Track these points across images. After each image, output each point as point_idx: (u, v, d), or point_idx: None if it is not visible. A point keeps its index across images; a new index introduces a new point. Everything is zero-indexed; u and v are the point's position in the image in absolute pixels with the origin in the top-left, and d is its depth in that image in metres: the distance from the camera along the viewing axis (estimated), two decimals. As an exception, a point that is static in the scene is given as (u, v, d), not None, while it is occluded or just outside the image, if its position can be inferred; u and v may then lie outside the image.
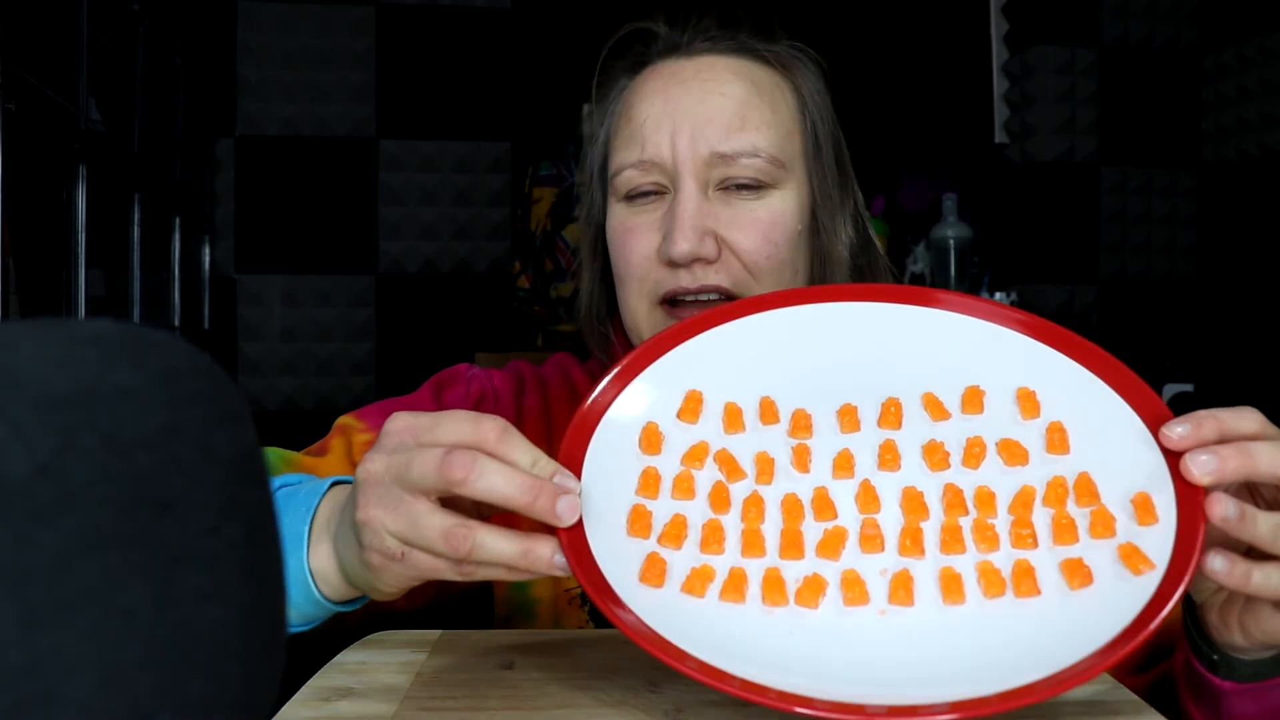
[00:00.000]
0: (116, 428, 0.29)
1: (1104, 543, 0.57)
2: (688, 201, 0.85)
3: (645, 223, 0.87)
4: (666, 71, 0.90)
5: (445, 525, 0.56)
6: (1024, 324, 0.69)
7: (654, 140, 0.86)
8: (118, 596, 0.28)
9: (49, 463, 0.27)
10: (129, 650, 0.28)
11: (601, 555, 0.58)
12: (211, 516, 0.31)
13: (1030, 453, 0.62)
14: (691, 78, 0.88)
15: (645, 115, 0.88)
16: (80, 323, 0.31)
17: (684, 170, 0.85)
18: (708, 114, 0.86)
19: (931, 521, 0.60)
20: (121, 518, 0.28)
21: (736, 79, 0.88)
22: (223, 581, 0.31)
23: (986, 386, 0.66)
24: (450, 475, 0.55)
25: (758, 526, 0.61)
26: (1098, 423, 0.63)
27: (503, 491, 0.56)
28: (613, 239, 0.90)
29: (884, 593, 0.57)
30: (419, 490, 0.57)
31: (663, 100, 0.87)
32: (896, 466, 0.63)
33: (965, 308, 0.70)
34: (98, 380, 0.29)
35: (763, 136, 0.86)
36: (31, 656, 0.27)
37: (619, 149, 0.89)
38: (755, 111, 0.87)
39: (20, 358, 0.29)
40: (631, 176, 0.87)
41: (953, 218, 3.00)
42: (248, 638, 0.31)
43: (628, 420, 0.66)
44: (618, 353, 0.93)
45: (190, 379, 0.32)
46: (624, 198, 0.89)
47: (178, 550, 0.29)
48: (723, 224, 0.85)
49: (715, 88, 0.87)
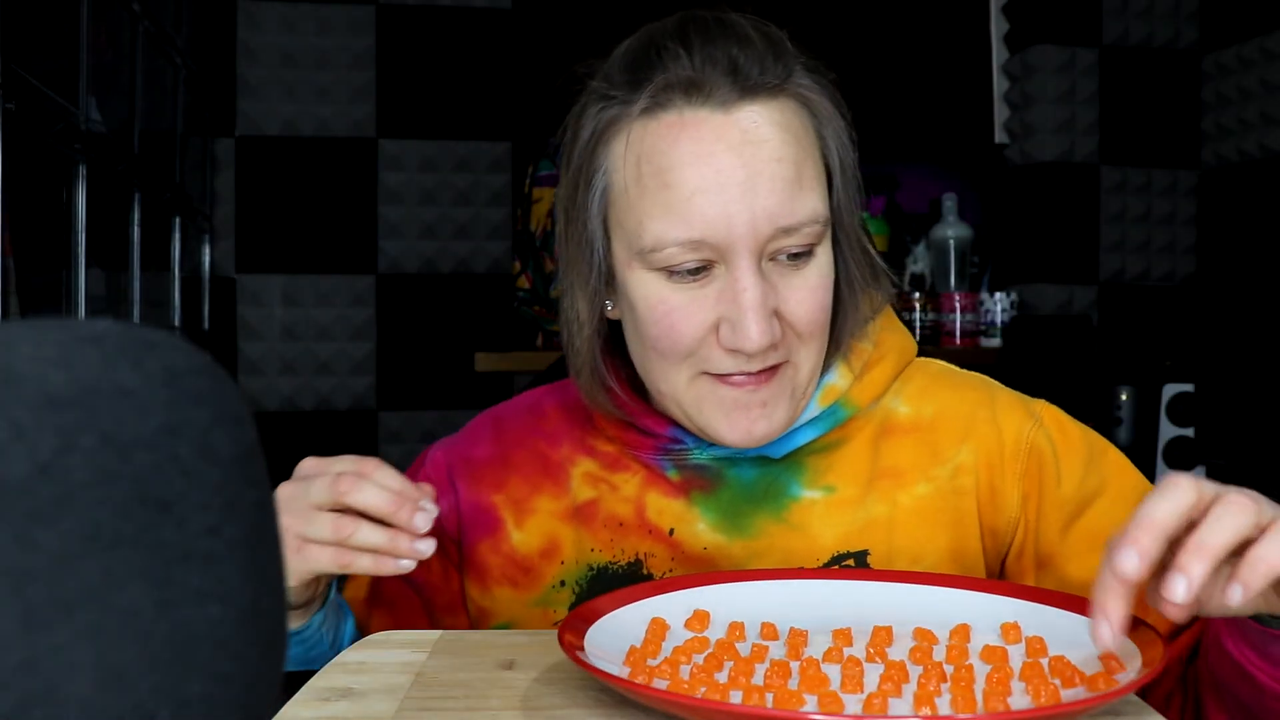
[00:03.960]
0: (116, 427, 0.29)
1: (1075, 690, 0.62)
2: (754, 288, 0.78)
3: (694, 300, 0.80)
4: (704, 130, 0.79)
5: (334, 519, 0.74)
6: (1018, 591, 0.75)
7: (708, 218, 0.77)
8: (118, 596, 0.28)
9: (49, 463, 0.27)
10: (129, 650, 0.28)
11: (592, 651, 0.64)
12: (211, 516, 0.31)
13: (1010, 654, 0.67)
14: (740, 143, 0.78)
15: (693, 186, 0.78)
16: (80, 323, 0.31)
17: (741, 248, 0.78)
18: (767, 186, 0.78)
19: (911, 683, 0.63)
20: (121, 518, 0.28)
21: (782, 135, 0.79)
22: (223, 581, 0.31)
23: (974, 623, 0.71)
24: (338, 488, 0.73)
25: (748, 671, 0.65)
26: (1079, 647, 0.67)
27: (375, 502, 0.73)
28: (648, 313, 0.81)
29: (860, 705, 0.60)
30: (316, 503, 0.74)
31: (712, 170, 0.78)
32: (884, 655, 0.67)
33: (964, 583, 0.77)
34: (98, 380, 0.29)
35: (816, 197, 0.80)
36: (31, 656, 0.27)
37: (654, 216, 0.79)
38: (806, 170, 0.80)
39: (20, 358, 0.29)
40: (676, 254, 0.79)
41: (953, 218, 3.00)
42: (248, 638, 0.31)
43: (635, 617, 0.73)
44: (616, 394, 0.88)
45: (190, 379, 0.32)
46: (660, 269, 0.80)
47: (178, 550, 0.29)
48: (781, 299, 0.80)
49: (768, 153, 0.78)
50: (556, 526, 0.90)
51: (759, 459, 0.88)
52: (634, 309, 0.83)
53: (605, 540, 0.88)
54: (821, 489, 0.87)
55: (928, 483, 0.87)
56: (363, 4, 2.93)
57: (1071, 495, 0.86)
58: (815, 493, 0.87)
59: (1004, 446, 0.87)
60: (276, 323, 2.90)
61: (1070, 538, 0.86)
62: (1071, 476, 0.86)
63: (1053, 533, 0.86)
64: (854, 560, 0.86)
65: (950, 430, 0.89)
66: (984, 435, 0.88)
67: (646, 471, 0.89)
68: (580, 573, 0.89)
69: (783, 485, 0.87)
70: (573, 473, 0.91)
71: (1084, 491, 0.86)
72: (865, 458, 0.88)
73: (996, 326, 2.81)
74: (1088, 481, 0.86)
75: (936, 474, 0.87)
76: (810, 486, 0.87)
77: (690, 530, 0.87)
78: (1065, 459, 0.87)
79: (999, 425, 0.88)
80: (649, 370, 0.85)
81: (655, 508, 0.88)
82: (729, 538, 0.87)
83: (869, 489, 0.87)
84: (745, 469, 0.88)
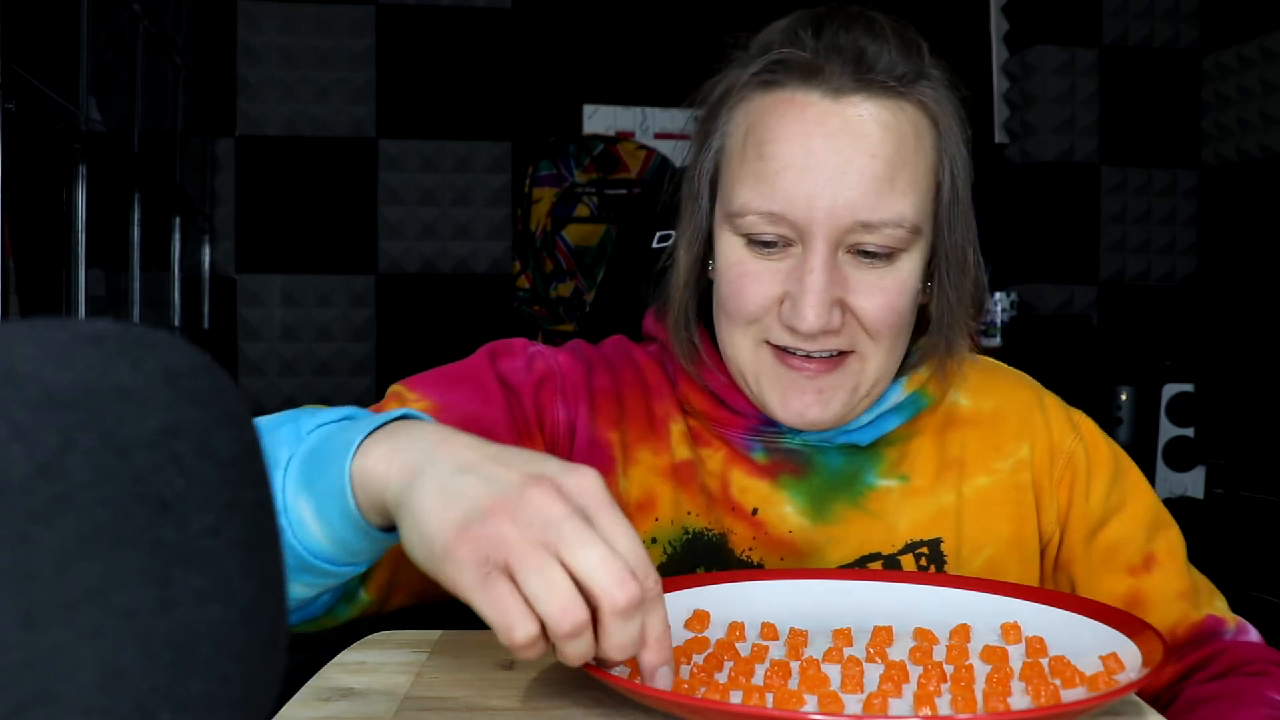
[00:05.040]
0: (116, 427, 0.29)
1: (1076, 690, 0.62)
2: (820, 271, 0.79)
3: (766, 270, 0.81)
4: (809, 112, 0.80)
5: (574, 598, 0.52)
6: (1018, 591, 0.76)
7: (791, 195, 0.79)
8: (118, 596, 0.28)
9: (49, 463, 0.27)
10: (129, 650, 0.28)
11: None
12: (211, 516, 0.31)
13: (1010, 654, 0.67)
14: (839, 130, 0.79)
15: (783, 161, 0.79)
16: (80, 323, 0.31)
17: (818, 232, 0.79)
18: (855, 179, 0.78)
19: (911, 683, 0.63)
20: (121, 518, 0.28)
21: (885, 134, 0.80)
22: (223, 581, 0.31)
23: (974, 623, 0.71)
24: (601, 574, 0.52)
25: (748, 671, 0.65)
26: (1080, 647, 0.67)
27: (651, 644, 0.56)
28: (725, 273, 0.84)
29: (860, 705, 0.60)
30: (557, 551, 0.53)
31: (804, 150, 0.79)
32: (884, 655, 0.67)
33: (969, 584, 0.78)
34: (98, 380, 0.29)
35: (908, 203, 0.80)
36: (32, 656, 0.27)
37: (745, 183, 0.81)
38: (902, 175, 0.80)
39: (20, 358, 0.29)
40: (757, 223, 0.80)
41: (953, 218, 2.99)
42: (248, 638, 0.31)
43: None
44: (704, 363, 0.89)
45: (190, 379, 0.32)
46: (743, 235, 0.82)
47: (178, 550, 0.29)
48: (850, 290, 0.80)
49: (864, 146, 0.79)
50: (655, 482, 0.88)
51: (846, 447, 0.89)
52: (717, 268, 0.86)
53: (702, 505, 0.88)
54: (897, 478, 0.89)
55: (988, 475, 0.89)
56: (363, 4, 2.93)
57: (1096, 510, 0.89)
58: (891, 481, 0.89)
59: (1052, 451, 0.90)
60: (276, 323, 2.90)
61: (1089, 550, 0.89)
62: (1098, 492, 0.89)
63: (1074, 542, 0.89)
64: (927, 548, 0.88)
65: (1010, 426, 0.91)
66: (1039, 437, 0.90)
67: (728, 449, 0.89)
68: (675, 534, 0.88)
69: (861, 474, 0.89)
70: (672, 429, 0.90)
71: (1106, 508, 0.89)
72: (933, 448, 0.90)
73: (997, 326, 2.81)
74: (1110, 499, 0.90)
75: (998, 467, 0.89)
76: (886, 476, 0.89)
77: (777, 512, 0.88)
78: (1096, 475, 0.90)
79: (1050, 430, 0.91)
80: (721, 331, 0.86)
81: (739, 485, 0.88)
82: (812, 522, 0.88)
83: (938, 479, 0.89)
84: (833, 456, 0.89)
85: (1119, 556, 0.88)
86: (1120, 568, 0.88)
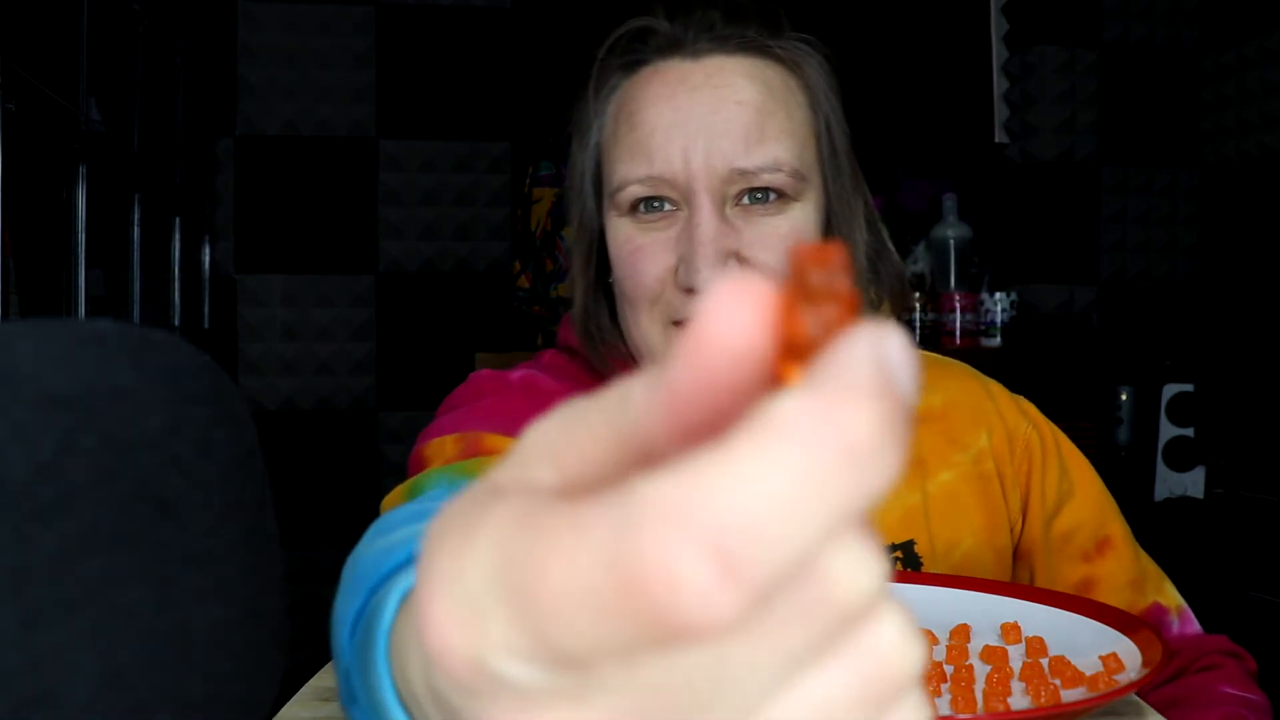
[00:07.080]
0: (116, 428, 0.29)
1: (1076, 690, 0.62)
2: (707, 224, 0.78)
3: (656, 241, 0.81)
4: (671, 75, 0.82)
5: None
6: (1018, 591, 0.76)
7: (664, 154, 0.79)
8: (118, 596, 0.28)
9: (49, 463, 0.27)
10: (129, 650, 0.28)
11: None
12: (211, 516, 0.31)
13: (1010, 654, 0.67)
14: (702, 84, 0.80)
15: (652, 125, 0.80)
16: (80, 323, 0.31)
17: (699, 188, 0.79)
18: (724, 126, 0.79)
19: None
20: (121, 518, 0.28)
21: (750, 83, 0.81)
22: (223, 581, 0.31)
23: (974, 623, 0.71)
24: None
25: None
26: (1080, 647, 0.67)
27: None
28: (618, 256, 0.84)
29: None
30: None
31: (671, 109, 0.80)
32: None
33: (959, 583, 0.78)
34: (98, 380, 0.29)
35: (783, 147, 0.80)
36: (32, 656, 0.27)
37: (621, 159, 0.82)
38: (773, 120, 0.80)
39: (20, 358, 0.29)
40: (637, 191, 0.81)
41: (953, 218, 2.99)
42: (248, 638, 0.31)
43: None
44: (629, 368, 0.88)
45: (190, 379, 0.32)
46: (628, 212, 0.82)
47: (178, 550, 0.29)
48: (744, 243, 0.80)
49: (729, 95, 0.80)
50: None
51: None
52: (612, 257, 0.85)
53: None
54: None
55: (950, 469, 0.89)
56: (363, 4, 2.92)
57: (1051, 497, 0.90)
58: None
59: (1010, 438, 0.91)
60: (276, 323, 2.90)
61: (1047, 539, 0.89)
62: (1052, 479, 0.90)
63: (1034, 531, 0.89)
64: (901, 552, 0.87)
65: (963, 417, 0.91)
66: (994, 424, 0.91)
67: None
68: None
69: None
70: None
71: (1059, 494, 0.90)
72: None
73: (996, 326, 2.81)
74: (1061, 485, 0.90)
75: (959, 460, 0.89)
76: None
77: None
78: (1049, 461, 0.90)
79: (1003, 417, 0.92)
80: (629, 324, 0.85)
81: None
82: None
83: (900, 481, 0.88)
84: None
85: (1074, 543, 0.88)
86: (1075, 555, 0.88)
